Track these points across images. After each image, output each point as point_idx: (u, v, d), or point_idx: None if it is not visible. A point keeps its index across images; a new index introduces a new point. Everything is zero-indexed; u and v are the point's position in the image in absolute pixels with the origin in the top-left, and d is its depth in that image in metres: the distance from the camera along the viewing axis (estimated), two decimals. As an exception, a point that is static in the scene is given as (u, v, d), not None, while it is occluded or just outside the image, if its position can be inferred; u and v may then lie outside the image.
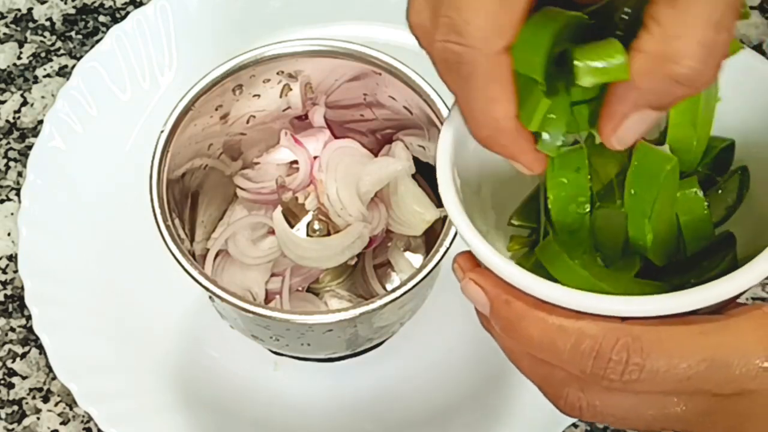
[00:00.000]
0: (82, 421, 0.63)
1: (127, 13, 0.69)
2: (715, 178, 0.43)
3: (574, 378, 0.38)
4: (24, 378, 0.64)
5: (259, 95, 0.59)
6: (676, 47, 0.34)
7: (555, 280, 0.39)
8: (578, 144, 0.40)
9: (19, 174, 0.69)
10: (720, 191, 0.42)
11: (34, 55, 0.72)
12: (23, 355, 0.65)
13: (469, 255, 0.40)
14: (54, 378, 0.63)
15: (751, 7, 0.71)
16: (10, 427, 0.63)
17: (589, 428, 0.61)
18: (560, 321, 0.37)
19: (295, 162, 0.61)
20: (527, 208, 0.43)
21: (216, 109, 0.58)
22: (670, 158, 0.39)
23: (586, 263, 0.40)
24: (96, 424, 0.61)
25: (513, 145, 0.38)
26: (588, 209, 0.41)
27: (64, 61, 0.71)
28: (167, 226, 0.53)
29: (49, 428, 0.63)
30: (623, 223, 0.40)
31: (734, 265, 0.39)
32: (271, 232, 0.62)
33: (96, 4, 0.73)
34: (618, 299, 0.37)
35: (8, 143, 0.69)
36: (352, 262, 0.61)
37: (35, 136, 0.68)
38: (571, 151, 0.39)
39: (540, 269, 0.40)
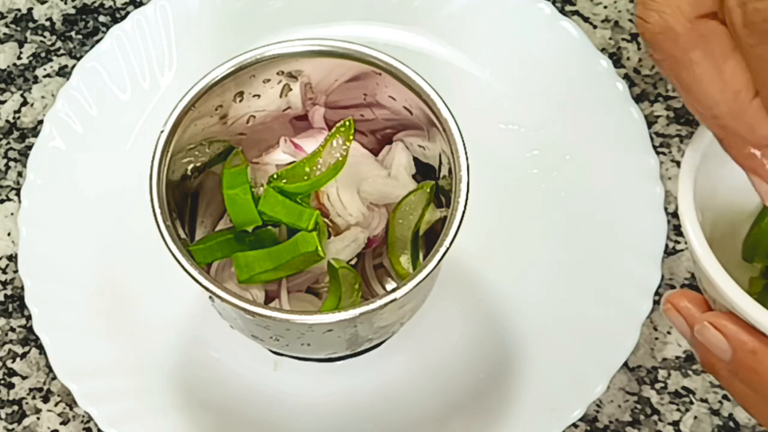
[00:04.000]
0: (82, 421, 0.63)
1: (127, 13, 0.69)
2: None
3: None
4: (24, 378, 0.64)
5: (259, 95, 0.59)
6: None
7: None
8: None
9: (19, 174, 0.69)
10: None
11: (34, 55, 0.72)
12: (23, 355, 0.65)
13: (694, 296, 0.37)
14: (54, 378, 0.63)
15: (751, 7, 0.71)
16: (10, 427, 0.63)
17: (589, 429, 0.61)
18: None
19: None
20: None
21: (216, 109, 0.57)
22: None
23: None
24: (96, 424, 0.61)
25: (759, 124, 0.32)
26: None
27: (64, 61, 0.71)
28: (167, 226, 0.53)
29: (49, 428, 0.63)
30: None
31: None
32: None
33: (96, 4, 0.73)
34: None
35: (8, 143, 0.69)
36: (352, 263, 0.61)
37: (35, 136, 0.68)
38: None
39: None
